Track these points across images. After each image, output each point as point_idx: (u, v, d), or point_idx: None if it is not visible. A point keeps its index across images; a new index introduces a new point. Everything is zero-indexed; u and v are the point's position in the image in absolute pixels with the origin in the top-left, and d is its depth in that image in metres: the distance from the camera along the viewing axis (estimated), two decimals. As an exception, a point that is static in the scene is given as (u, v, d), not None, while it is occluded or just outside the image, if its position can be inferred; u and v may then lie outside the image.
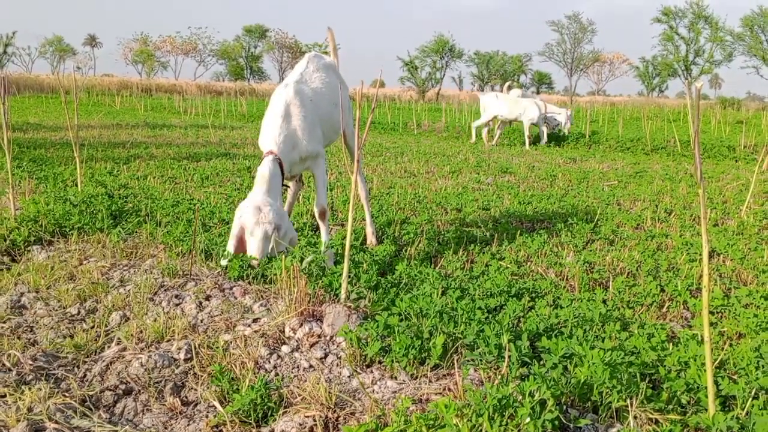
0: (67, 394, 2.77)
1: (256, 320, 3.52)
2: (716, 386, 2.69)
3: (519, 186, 8.98)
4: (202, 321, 3.56)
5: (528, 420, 2.22)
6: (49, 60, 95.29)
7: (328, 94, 4.86)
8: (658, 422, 2.47)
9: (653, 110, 35.82)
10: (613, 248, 5.44)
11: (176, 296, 3.88)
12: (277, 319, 3.45)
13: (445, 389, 2.73)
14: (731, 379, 2.84)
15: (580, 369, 2.67)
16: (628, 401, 2.52)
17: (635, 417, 2.45)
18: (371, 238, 5.39)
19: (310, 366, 3.07)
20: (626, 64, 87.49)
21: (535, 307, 3.81)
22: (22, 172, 8.10)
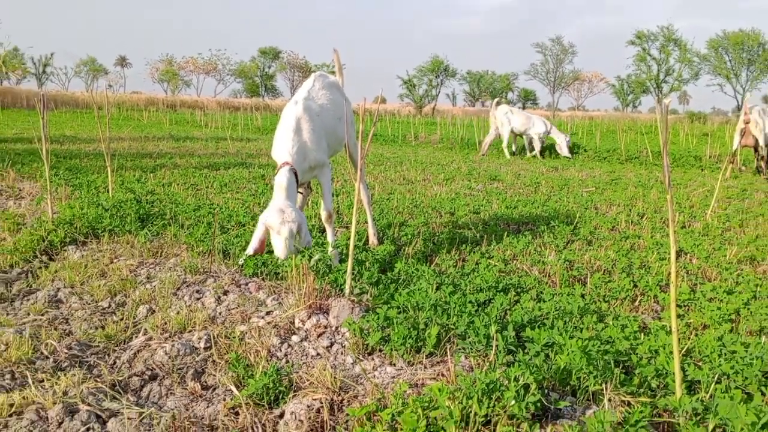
0: (98, 380, 2.77)
1: (268, 313, 3.52)
2: (683, 372, 2.69)
3: (506, 192, 8.97)
4: (220, 313, 3.56)
5: (513, 402, 2.22)
6: (84, 78, 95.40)
7: (332, 110, 4.86)
8: (630, 404, 2.47)
9: (627, 124, 35.74)
10: (591, 248, 5.43)
11: (197, 291, 3.88)
12: (288, 312, 3.45)
13: (438, 375, 2.73)
14: (696, 366, 2.84)
15: (560, 356, 2.68)
16: (603, 385, 2.52)
17: (610, 399, 2.45)
18: (373, 239, 5.39)
19: (317, 354, 3.07)
20: (603, 82, 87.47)
21: (521, 301, 3.81)
22: (59, 180, 8.11)
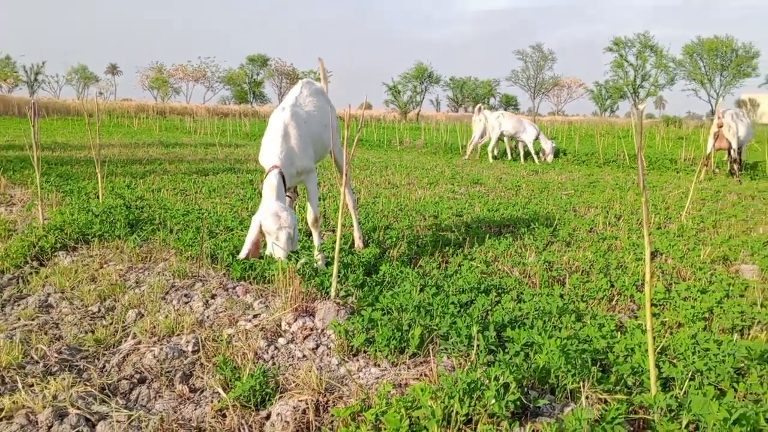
0: (88, 383, 2.75)
1: (255, 316, 3.51)
2: (658, 369, 2.71)
3: (488, 195, 8.99)
4: (208, 317, 3.55)
5: (493, 401, 2.23)
6: (75, 86, 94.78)
7: (318, 117, 4.86)
8: (606, 401, 2.48)
9: (605, 128, 35.94)
10: (570, 249, 5.45)
11: (185, 295, 3.86)
12: (275, 315, 3.44)
13: (421, 375, 2.73)
14: (671, 363, 2.86)
15: (539, 356, 2.69)
16: (581, 383, 2.53)
17: (587, 397, 2.46)
18: (358, 242, 5.39)
19: (304, 356, 3.06)
20: (582, 88, 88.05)
21: (501, 302, 3.81)
22: (49, 186, 8.04)
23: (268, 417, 2.48)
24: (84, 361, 3.02)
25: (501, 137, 16.20)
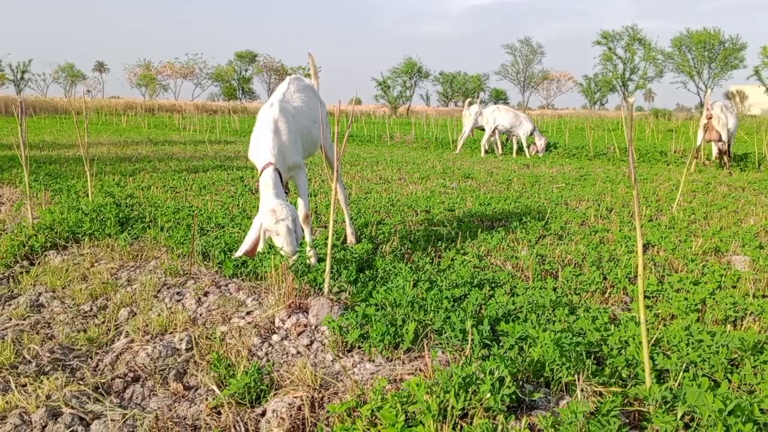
0: (81, 383, 2.74)
1: (249, 313, 3.50)
2: (652, 361, 2.72)
3: (480, 189, 9.00)
4: (201, 315, 3.53)
5: (489, 395, 2.23)
6: (62, 84, 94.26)
7: (307, 112, 4.84)
8: (602, 394, 2.49)
9: (595, 121, 36.09)
10: (562, 242, 5.47)
11: (178, 293, 3.85)
12: (268, 312, 3.43)
13: (416, 370, 2.73)
14: (665, 355, 2.87)
15: (534, 349, 2.69)
16: (576, 376, 2.54)
17: (582, 390, 2.47)
18: (351, 238, 5.38)
19: (298, 352, 3.05)
20: (571, 82, 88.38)
21: (495, 296, 3.81)
22: (38, 185, 7.99)
23: (264, 414, 2.47)
24: (77, 361, 3.00)
25: (497, 131, 16.17)
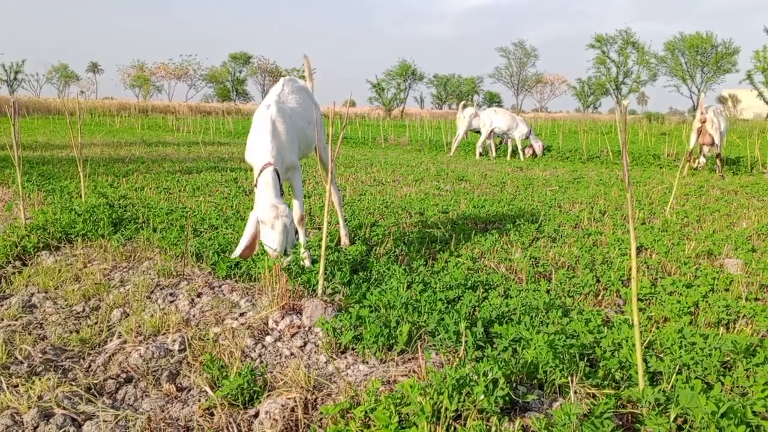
0: (73, 383, 2.73)
1: (242, 314, 3.49)
2: (645, 364, 2.72)
3: (474, 192, 9.01)
4: (194, 316, 3.52)
5: (482, 397, 2.23)
6: (56, 85, 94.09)
7: (302, 113, 4.84)
8: (595, 396, 2.50)
9: (588, 124, 36.19)
10: (555, 245, 5.47)
11: (171, 294, 3.84)
12: (262, 313, 3.43)
13: (410, 371, 2.73)
14: (658, 358, 2.88)
15: (527, 351, 2.69)
16: (569, 378, 2.54)
17: (575, 392, 2.47)
18: (345, 240, 5.38)
19: (291, 354, 3.05)
20: (565, 85, 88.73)
21: (489, 298, 3.82)
22: (31, 186, 7.96)
23: (257, 415, 2.47)
24: (69, 361, 2.99)
25: (493, 134, 16.16)
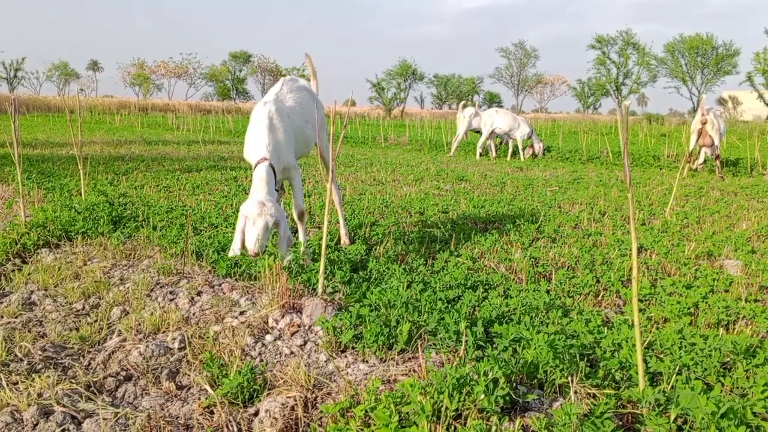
0: (73, 381, 2.72)
1: (242, 313, 3.49)
2: (645, 364, 2.72)
3: (474, 192, 9.01)
4: (194, 314, 3.52)
5: (483, 396, 2.23)
6: (56, 83, 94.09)
7: (301, 112, 4.84)
8: (595, 396, 2.50)
9: (588, 125, 36.20)
10: (555, 245, 5.48)
11: (171, 292, 3.83)
12: (262, 312, 3.42)
13: (410, 371, 2.73)
14: (658, 358, 2.88)
15: (527, 351, 2.69)
16: (569, 378, 2.54)
17: (576, 392, 2.47)
18: (345, 239, 5.38)
19: (291, 352, 3.05)
20: (565, 85, 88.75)
21: (488, 298, 3.82)
22: (31, 183, 7.96)
23: (257, 414, 2.47)
24: (69, 359, 2.99)
25: (494, 134, 16.13)
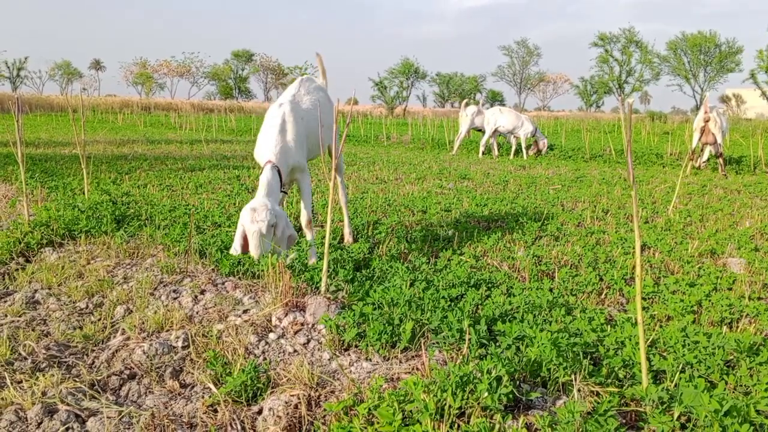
0: (77, 379, 2.73)
1: (245, 311, 3.49)
2: (649, 362, 2.72)
3: (476, 190, 9.00)
4: (197, 313, 3.53)
5: (486, 394, 2.23)
6: (58, 82, 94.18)
7: (315, 114, 4.83)
8: (598, 394, 2.49)
9: (591, 123, 36.17)
10: (558, 243, 5.47)
11: (174, 291, 3.84)
12: (265, 310, 3.43)
13: (413, 369, 2.73)
14: (662, 356, 2.88)
15: (530, 349, 2.69)
16: (572, 376, 2.54)
17: (579, 390, 2.47)
18: (348, 238, 5.38)
19: (295, 351, 3.05)
20: (568, 83, 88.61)
21: (492, 296, 3.82)
22: (34, 183, 7.97)
23: (260, 412, 2.47)
24: (73, 357, 2.99)
25: (497, 132, 16.10)
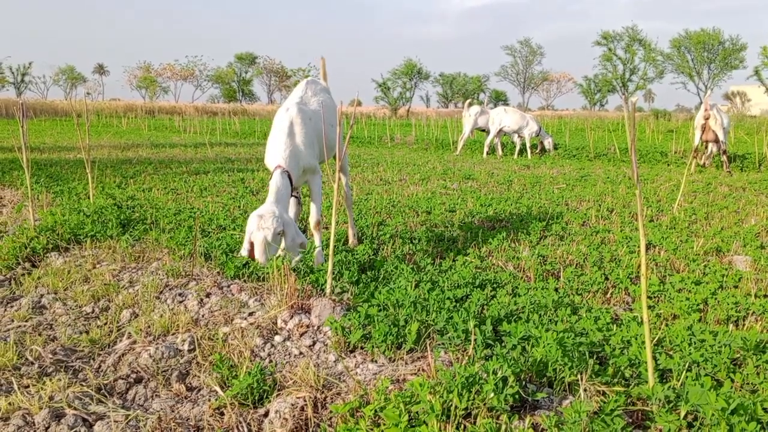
0: (84, 384, 2.74)
1: (251, 314, 3.50)
2: (655, 361, 2.72)
3: (480, 190, 9.00)
4: (203, 316, 3.54)
5: (492, 395, 2.23)
6: (63, 87, 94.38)
7: (324, 115, 4.83)
8: (605, 393, 2.49)
9: (595, 122, 36.10)
10: (563, 243, 5.47)
11: (180, 294, 3.85)
12: (270, 313, 3.43)
13: (419, 370, 2.73)
14: (668, 355, 2.87)
15: (536, 349, 2.69)
16: (578, 376, 2.53)
17: (585, 390, 2.46)
18: (353, 239, 5.38)
19: (300, 353, 3.05)
20: (571, 82, 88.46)
21: (497, 296, 3.82)
22: (39, 187, 8.00)
23: (267, 414, 2.47)
24: (79, 362, 3.00)
25: (502, 132, 16.08)
